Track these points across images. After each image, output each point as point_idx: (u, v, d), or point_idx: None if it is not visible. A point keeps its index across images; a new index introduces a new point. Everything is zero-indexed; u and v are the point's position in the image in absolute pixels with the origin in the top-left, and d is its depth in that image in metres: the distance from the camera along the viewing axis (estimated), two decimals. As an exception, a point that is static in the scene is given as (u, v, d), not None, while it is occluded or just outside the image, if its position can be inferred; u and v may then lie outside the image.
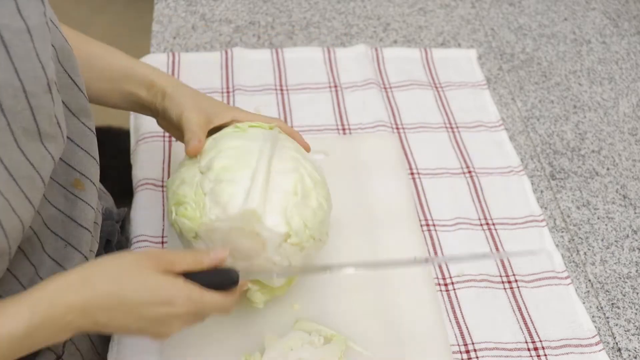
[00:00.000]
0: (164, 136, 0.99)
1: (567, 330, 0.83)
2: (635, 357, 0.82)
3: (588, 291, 0.88)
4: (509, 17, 1.25)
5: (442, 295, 0.85)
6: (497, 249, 0.90)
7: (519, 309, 0.85)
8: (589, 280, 0.89)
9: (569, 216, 0.96)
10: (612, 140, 1.06)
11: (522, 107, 1.10)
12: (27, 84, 0.54)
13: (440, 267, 0.88)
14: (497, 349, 0.81)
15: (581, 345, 0.81)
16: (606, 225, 0.95)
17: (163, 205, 0.91)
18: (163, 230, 0.89)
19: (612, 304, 0.87)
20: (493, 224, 0.93)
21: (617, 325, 0.85)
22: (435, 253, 0.89)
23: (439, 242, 0.90)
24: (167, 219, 0.79)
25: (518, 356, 0.80)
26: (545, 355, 0.81)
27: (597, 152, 1.04)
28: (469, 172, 0.99)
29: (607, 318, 0.85)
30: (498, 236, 0.92)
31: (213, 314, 0.67)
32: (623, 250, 0.92)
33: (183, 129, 0.75)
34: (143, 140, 0.99)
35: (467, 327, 0.83)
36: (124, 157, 1.00)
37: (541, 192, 0.98)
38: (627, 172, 1.02)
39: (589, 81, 1.15)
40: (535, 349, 0.81)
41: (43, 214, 0.67)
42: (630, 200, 0.98)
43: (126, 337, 0.79)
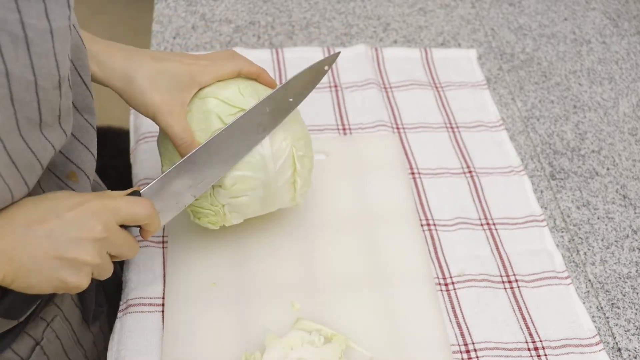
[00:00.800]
0: (164, 136, 0.99)
1: (567, 330, 0.83)
2: (636, 357, 0.82)
3: (588, 291, 0.88)
4: (509, 17, 1.25)
5: (442, 295, 0.85)
6: (497, 248, 0.90)
7: (519, 309, 0.85)
8: (589, 280, 0.89)
9: (569, 216, 0.96)
10: (612, 140, 1.06)
11: (522, 107, 1.10)
12: (39, 80, 0.56)
13: (441, 267, 0.88)
14: (497, 348, 0.81)
15: (581, 345, 0.81)
16: (606, 225, 0.95)
17: (163, 205, 0.91)
18: (163, 229, 0.89)
19: (612, 304, 0.87)
20: (493, 224, 0.93)
21: (617, 325, 0.85)
22: (436, 253, 0.89)
23: (440, 241, 0.90)
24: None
25: (518, 356, 0.80)
26: (545, 355, 0.81)
27: (597, 152, 1.04)
28: (470, 172, 0.99)
29: (607, 318, 0.85)
30: (498, 236, 0.92)
31: (129, 211, 0.67)
32: (623, 250, 0.92)
33: (167, 134, 0.76)
34: (143, 140, 0.99)
35: (467, 327, 0.83)
36: (124, 157, 1.00)
37: (541, 192, 0.98)
38: (627, 172, 1.02)
39: (589, 81, 1.15)
40: (536, 348, 0.81)
41: None
42: (630, 200, 0.98)
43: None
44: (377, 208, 0.91)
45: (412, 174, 0.98)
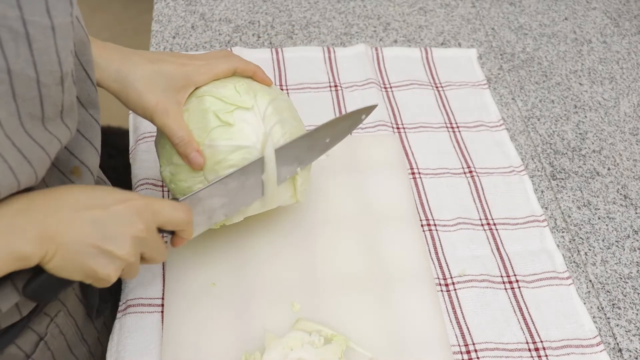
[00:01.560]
0: (163, 136, 0.99)
1: (568, 331, 0.83)
2: (636, 358, 0.82)
3: (589, 291, 0.88)
4: (510, 17, 1.25)
5: (443, 295, 0.85)
6: (498, 249, 0.90)
7: (520, 309, 0.84)
8: (590, 281, 0.89)
9: (569, 216, 0.95)
10: (613, 140, 1.06)
11: (522, 107, 1.09)
12: (41, 76, 0.57)
13: (441, 267, 0.88)
14: (497, 349, 0.81)
15: (582, 346, 0.81)
16: (607, 225, 0.95)
17: (163, 204, 0.91)
18: (163, 230, 0.89)
19: (613, 304, 0.86)
20: (494, 224, 0.93)
21: (618, 325, 0.85)
22: (436, 253, 0.89)
23: (440, 242, 0.90)
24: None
25: (519, 356, 0.80)
26: (546, 355, 0.80)
27: (597, 152, 1.04)
28: (470, 171, 0.98)
29: (608, 318, 0.85)
30: (499, 236, 0.91)
31: (171, 214, 0.69)
32: (624, 250, 0.92)
33: (165, 134, 0.76)
34: (142, 140, 0.98)
35: (467, 327, 0.82)
36: (123, 157, 1.00)
37: (542, 192, 0.98)
38: (628, 172, 1.02)
39: (589, 81, 1.15)
40: (536, 349, 0.81)
41: None
42: (631, 200, 0.98)
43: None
44: (377, 208, 0.91)
45: (412, 174, 0.98)
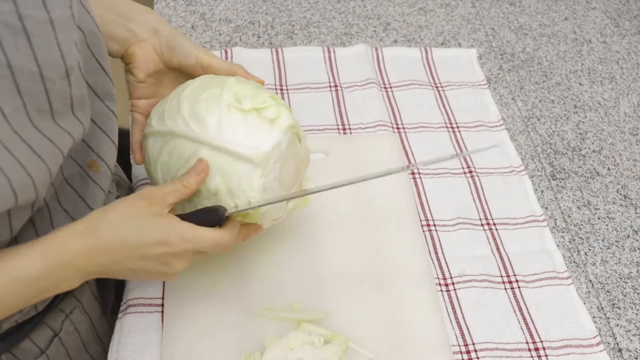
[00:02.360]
0: (163, 136, 0.99)
1: (568, 331, 0.83)
2: (636, 358, 0.82)
3: (589, 291, 0.88)
4: (510, 17, 1.25)
5: (443, 295, 0.85)
6: (498, 249, 0.90)
7: (520, 309, 0.84)
8: (590, 281, 0.89)
9: (569, 216, 0.95)
10: (613, 140, 1.06)
11: (522, 107, 1.09)
12: (44, 70, 0.57)
13: (441, 267, 0.88)
14: (497, 349, 0.81)
15: (582, 346, 0.81)
16: (607, 225, 0.95)
17: (163, 205, 0.91)
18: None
19: (613, 304, 0.87)
20: (494, 224, 0.93)
21: (617, 325, 0.85)
22: (436, 253, 0.89)
23: (440, 242, 0.90)
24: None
25: (519, 356, 0.80)
26: (546, 355, 0.80)
27: (597, 152, 1.04)
28: (470, 172, 0.99)
29: (608, 318, 0.85)
30: (499, 236, 0.91)
31: (212, 249, 0.70)
32: (624, 250, 0.92)
33: (129, 68, 0.78)
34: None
35: (467, 327, 0.82)
36: (124, 157, 1.00)
37: (542, 192, 0.98)
38: (627, 172, 1.02)
39: (589, 81, 1.15)
40: (536, 349, 0.81)
41: (58, 189, 0.70)
42: (631, 200, 0.98)
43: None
44: (377, 208, 0.91)
45: (412, 174, 0.98)
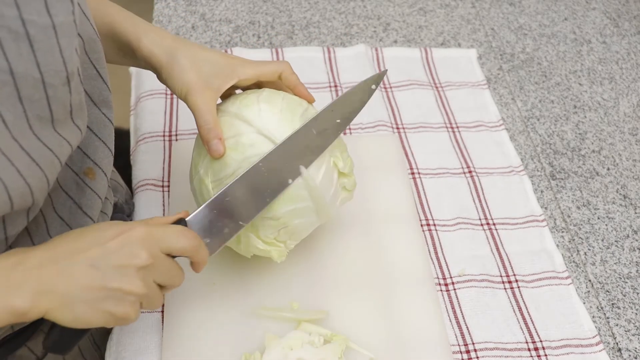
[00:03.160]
0: (164, 136, 0.99)
1: (567, 331, 0.83)
2: (636, 358, 0.82)
3: (588, 291, 0.88)
4: (509, 17, 1.25)
5: (442, 295, 0.85)
6: (497, 248, 0.90)
7: (519, 309, 0.85)
8: (589, 281, 0.89)
9: (569, 216, 0.95)
10: (613, 140, 1.06)
11: (522, 107, 1.10)
12: (46, 77, 0.56)
13: (441, 267, 0.88)
14: (497, 349, 0.81)
15: (581, 346, 0.81)
16: (606, 225, 0.95)
17: (163, 205, 0.91)
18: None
19: (613, 304, 0.87)
20: (494, 224, 0.93)
21: (617, 325, 0.85)
22: (436, 253, 0.89)
23: (440, 241, 0.90)
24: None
25: (518, 356, 0.80)
26: (545, 355, 0.81)
27: (597, 152, 1.04)
28: (470, 171, 0.99)
29: (608, 318, 0.85)
30: (499, 236, 0.91)
31: (176, 242, 0.64)
32: (623, 250, 0.92)
33: (194, 114, 0.74)
34: (143, 141, 0.99)
35: (467, 327, 0.82)
36: (124, 157, 1.00)
37: (541, 192, 0.98)
38: (627, 172, 1.02)
39: (589, 81, 1.15)
40: (536, 349, 0.81)
41: (54, 197, 0.69)
42: (631, 200, 0.98)
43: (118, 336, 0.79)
44: (377, 208, 0.91)
45: (412, 174, 0.98)
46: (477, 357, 0.80)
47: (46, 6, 0.55)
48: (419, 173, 0.98)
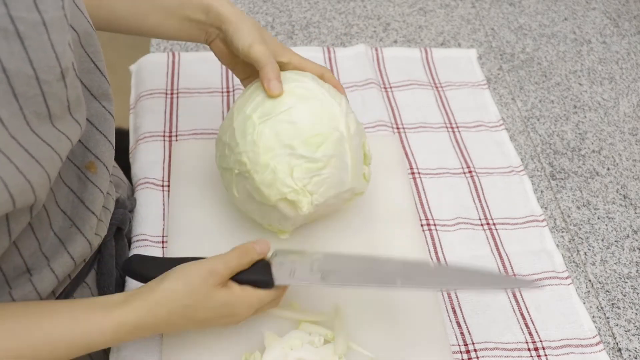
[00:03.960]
0: (163, 135, 0.99)
1: (567, 331, 0.83)
2: (636, 358, 0.82)
3: (588, 291, 0.88)
4: (509, 17, 1.25)
5: (443, 295, 0.85)
6: (497, 248, 0.90)
7: (520, 309, 0.84)
8: (589, 281, 0.89)
9: (569, 216, 0.95)
10: (613, 140, 1.06)
11: (522, 107, 1.10)
12: (40, 73, 0.56)
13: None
14: (497, 349, 0.81)
15: (581, 346, 0.81)
16: (606, 225, 0.95)
17: (163, 204, 0.91)
18: (163, 229, 0.89)
19: (613, 304, 0.87)
20: (494, 224, 0.93)
21: (617, 325, 0.85)
22: (436, 253, 0.89)
23: (440, 241, 0.90)
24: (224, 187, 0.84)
25: (518, 356, 0.80)
26: (545, 355, 0.80)
27: (597, 152, 1.04)
28: (470, 171, 0.99)
29: (608, 318, 0.85)
30: (499, 236, 0.91)
31: (269, 307, 0.76)
32: (623, 250, 0.92)
33: (256, 62, 0.79)
34: (143, 140, 0.98)
35: (467, 327, 0.82)
36: (123, 157, 1.00)
37: (541, 192, 0.98)
38: (627, 172, 1.02)
39: (589, 81, 1.15)
40: (536, 349, 0.81)
41: (56, 192, 0.69)
42: (631, 200, 0.98)
43: None
44: (377, 208, 0.91)
45: (412, 174, 0.98)
46: (477, 357, 0.80)
47: (34, 2, 0.54)
48: (419, 173, 0.98)
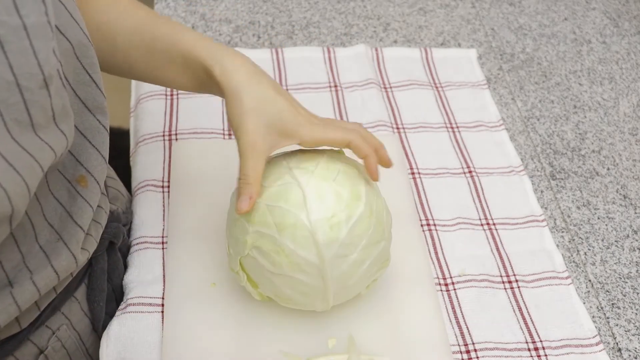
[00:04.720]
0: (163, 136, 0.99)
1: (567, 331, 0.83)
2: (636, 358, 0.82)
3: (588, 291, 0.88)
4: (509, 17, 1.25)
5: (442, 295, 0.85)
6: (497, 248, 0.90)
7: (519, 309, 0.85)
8: (589, 281, 0.89)
9: (569, 216, 0.95)
10: (613, 140, 1.06)
11: (522, 107, 1.10)
12: (20, 79, 0.54)
13: (441, 267, 0.88)
14: (497, 349, 0.81)
15: (581, 346, 0.81)
16: (606, 225, 0.95)
17: (163, 206, 0.91)
18: (163, 230, 0.89)
19: (613, 304, 0.87)
20: (494, 224, 0.93)
21: (617, 325, 0.85)
22: (436, 253, 0.89)
23: (440, 241, 0.90)
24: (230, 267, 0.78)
25: (518, 356, 0.80)
26: (545, 355, 0.81)
27: (597, 152, 1.04)
28: (470, 171, 0.99)
29: (608, 318, 0.85)
30: (499, 236, 0.91)
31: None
32: (623, 250, 0.92)
33: (240, 155, 0.71)
34: (143, 142, 0.99)
35: (467, 327, 0.82)
36: (124, 158, 1.00)
37: (541, 192, 0.98)
38: (627, 172, 1.02)
39: (589, 81, 1.15)
40: (536, 349, 0.81)
41: (44, 204, 0.67)
42: (631, 200, 0.98)
43: (116, 329, 0.78)
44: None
45: (412, 174, 0.98)
46: (477, 357, 0.80)
47: (15, 6, 0.53)
48: (419, 173, 0.98)
